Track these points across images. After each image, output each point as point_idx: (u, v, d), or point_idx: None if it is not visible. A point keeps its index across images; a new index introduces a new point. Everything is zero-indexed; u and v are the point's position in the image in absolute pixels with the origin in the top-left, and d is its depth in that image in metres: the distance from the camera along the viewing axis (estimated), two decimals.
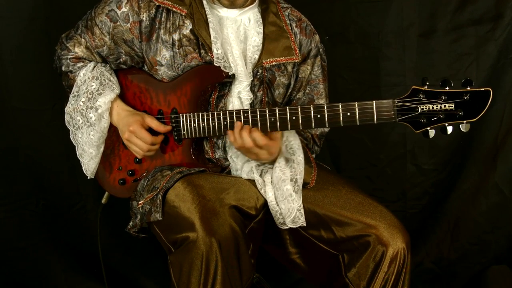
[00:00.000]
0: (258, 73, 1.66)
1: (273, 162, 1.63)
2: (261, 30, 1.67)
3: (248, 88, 1.64)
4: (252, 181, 1.62)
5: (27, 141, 2.26)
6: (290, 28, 1.72)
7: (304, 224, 1.58)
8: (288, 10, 1.75)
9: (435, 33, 2.31)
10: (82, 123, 1.69)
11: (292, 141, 1.64)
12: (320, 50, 1.77)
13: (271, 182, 1.59)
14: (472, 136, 2.36)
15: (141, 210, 1.59)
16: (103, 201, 1.91)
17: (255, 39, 1.66)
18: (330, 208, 1.58)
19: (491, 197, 2.38)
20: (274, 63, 1.66)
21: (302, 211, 1.58)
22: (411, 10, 2.30)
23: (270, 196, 1.58)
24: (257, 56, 1.66)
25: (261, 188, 1.59)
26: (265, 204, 1.62)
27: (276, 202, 1.58)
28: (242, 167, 1.65)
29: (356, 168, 2.47)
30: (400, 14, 2.31)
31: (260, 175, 1.62)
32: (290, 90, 1.73)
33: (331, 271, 1.65)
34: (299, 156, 1.61)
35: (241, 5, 1.64)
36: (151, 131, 1.65)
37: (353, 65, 2.39)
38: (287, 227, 1.59)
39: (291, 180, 1.57)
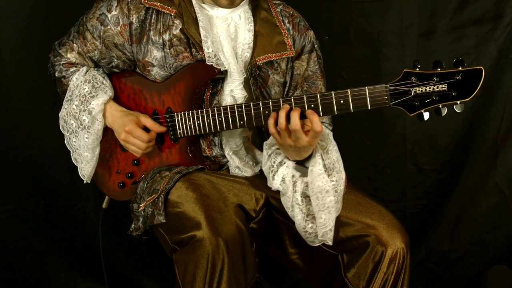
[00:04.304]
0: (253, 72, 1.64)
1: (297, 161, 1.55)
2: (252, 28, 1.66)
3: (241, 86, 1.63)
4: (251, 182, 1.62)
5: (27, 141, 2.26)
6: (282, 24, 1.70)
7: (330, 243, 1.53)
8: (280, 7, 1.73)
9: (435, 33, 2.30)
10: (76, 126, 1.69)
11: (330, 149, 1.54)
12: (315, 46, 1.74)
13: (303, 193, 1.53)
14: (472, 136, 2.37)
15: (143, 213, 1.59)
16: (104, 205, 1.91)
17: (245, 36, 1.65)
18: None
19: (491, 197, 2.38)
20: (267, 59, 1.65)
21: (334, 227, 1.52)
22: (411, 10, 2.30)
23: (299, 218, 1.53)
24: (248, 54, 1.64)
25: (289, 209, 1.54)
26: (265, 204, 1.62)
27: (305, 220, 1.53)
28: (273, 175, 1.55)
29: (356, 168, 2.47)
30: (400, 14, 2.31)
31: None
32: (287, 89, 1.72)
33: (331, 271, 1.65)
34: (340, 165, 1.55)
35: (239, 4, 1.63)
36: (146, 129, 1.65)
37: (353, 65, 2.38)
38: (317, 244, 1.55)
39: (334, 190, 1.50)
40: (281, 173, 1.53)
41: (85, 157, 1.72)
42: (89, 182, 1.79)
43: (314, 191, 1.49)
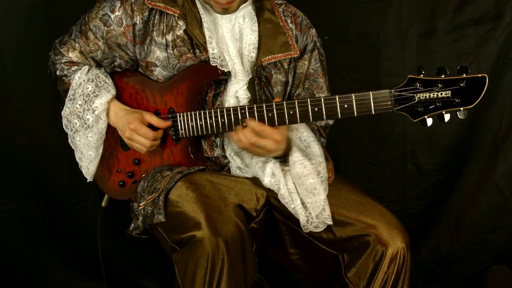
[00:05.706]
0: (258, 72, 1.65)
1: (283, 156, 1.61)
2: (256, 28, 1.66)
3: (246, 87, 1.63)
4: (252, 182, 1.62)
5: (27, 141, 2.26)
6: (285, 23, 1.70)
7: (330, 222, 1.55)
8: (283, 6, 1.74)
9: (435, 33, 2.31)
10: (79, 125, 1.69)
11: (305, 132, 1.61)
12: (317, 44, 1.75)
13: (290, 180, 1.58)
14: (472, 136, 2.37)
15: (142, 212, 1.59)
16: (103, 204, 1.91)
17: (251, 37, 1.65)
18: (330, 208, 1.58)
19: (491, 197, 2.38)
20: (272, 60, 1.65)
21: (327, 206, 1.55)
22: (411, 10, 2.30)
23: (299, 209, 1.55)
24: (253, 55, 1.65)
25: (286, 199, 1.57)
26: (265, 204, 1.62)
27: (303, 207, 1.56)
28: (262, 172, 1.61)
29: (356, 168, 2.47)
30: (400, 14, 2.31)
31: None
32: (289, 88, 1.72)
33: (331, 271, 1.64)
34: (315, 147, 1.59)
35: (234, 11, 1.63)
36: (150, 127, 1.64)
37: (353, 65, 2.39)
38: (318, 230, 1.56)
39: (314, 173, 1.55)
40: (270, 168, 1.58)
41: (88, 156, 1.73)
42: (91, 180, 1.79)
43: (295, 177, 1.54)
